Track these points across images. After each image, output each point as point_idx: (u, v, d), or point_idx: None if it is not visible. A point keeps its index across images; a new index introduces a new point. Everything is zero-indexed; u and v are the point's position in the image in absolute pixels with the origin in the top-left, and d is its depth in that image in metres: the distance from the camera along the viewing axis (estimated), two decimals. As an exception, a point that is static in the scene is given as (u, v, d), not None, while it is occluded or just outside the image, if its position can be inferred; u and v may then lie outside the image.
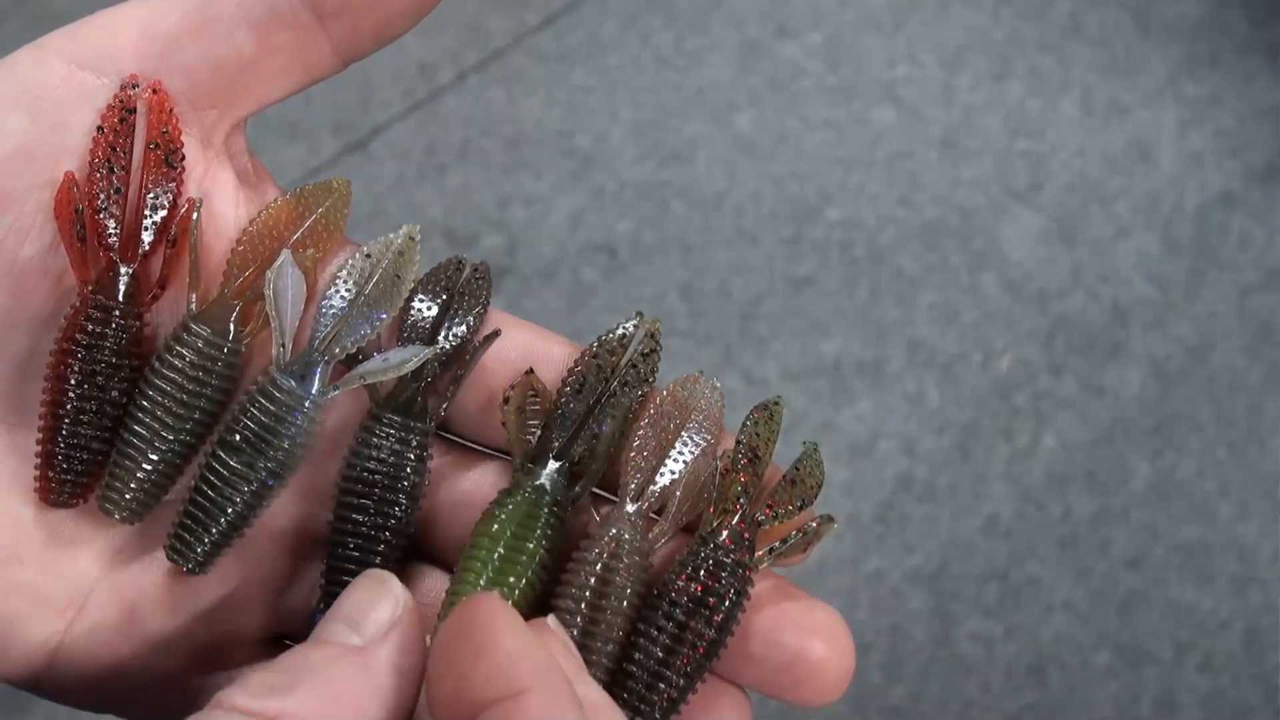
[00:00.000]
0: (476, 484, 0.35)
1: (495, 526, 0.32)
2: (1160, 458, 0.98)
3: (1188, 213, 1.05)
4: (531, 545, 0.32)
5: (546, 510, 0.33)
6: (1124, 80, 1.09)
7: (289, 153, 1.03)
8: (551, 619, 0.31)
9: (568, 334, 0.35)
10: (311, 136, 1.04)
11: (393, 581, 0.30)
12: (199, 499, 0.32)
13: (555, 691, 0.26)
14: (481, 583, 0.32)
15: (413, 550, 0.35)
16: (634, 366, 0.34)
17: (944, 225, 1.03)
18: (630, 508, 0.33)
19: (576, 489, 0.34)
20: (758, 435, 0.34)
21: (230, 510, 0.32)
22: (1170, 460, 0.98)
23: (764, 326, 0.99)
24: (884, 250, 1.02)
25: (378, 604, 0.29)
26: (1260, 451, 0.98)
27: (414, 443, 0.33)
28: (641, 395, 0.34)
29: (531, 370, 0.34)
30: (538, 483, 0.33)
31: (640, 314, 0.35)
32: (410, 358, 0.33)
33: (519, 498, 0.33)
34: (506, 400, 0.33)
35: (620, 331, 0.34)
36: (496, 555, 0.32)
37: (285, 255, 0.33)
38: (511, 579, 0.32)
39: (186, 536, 0.33)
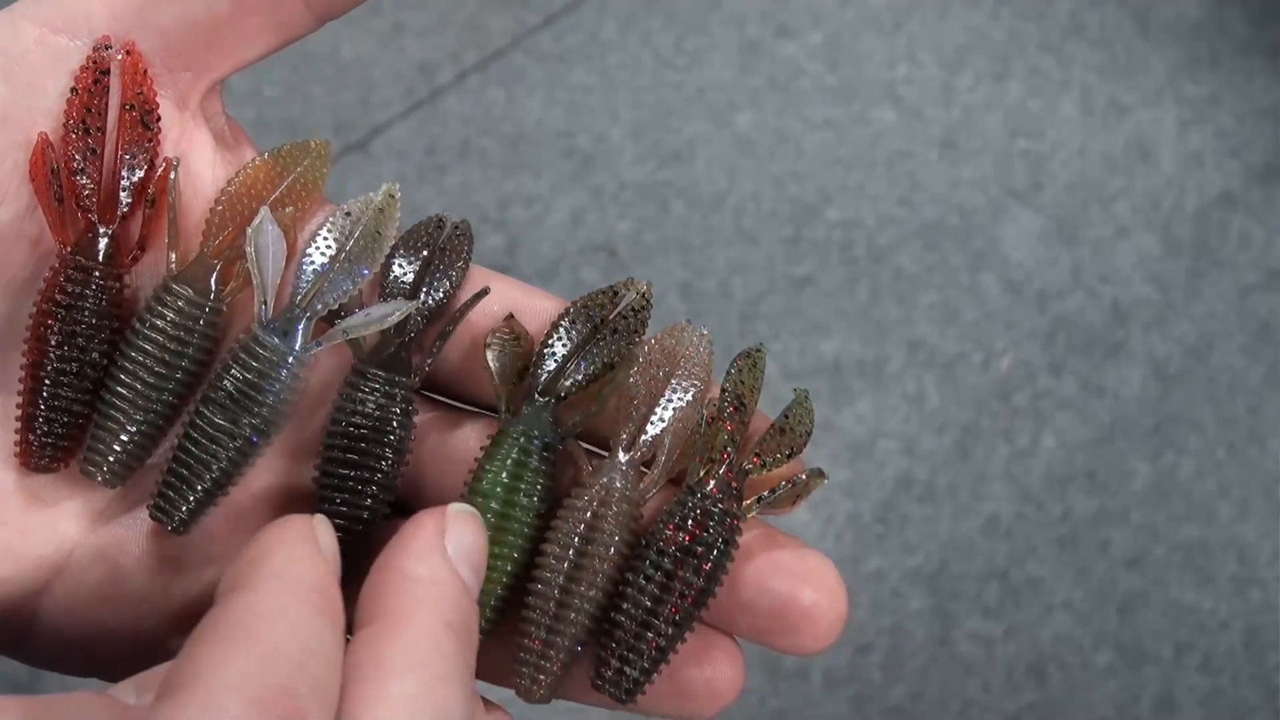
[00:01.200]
0: (462, 440, 0.35)
1: (486, 481, 0.32)
2: (1160, 458, 0.98)
3: (1188, 213, 1.05)
4: (525, 499, 0.32)
5: (536, 457, 0.33)
6: (1124, 80, 1.09)
7: (289, 153, 1.03)
8: (450, 508, 0.30)
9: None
10: (311, 136, 1.04)
11: None
12: (183, 457, 0.32)
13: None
14: None
15: (400, 508, 0.35)
16: (624, 317, 0.34)
17: (944, 225, 1.03)
18: (622, 457, 0.33)
19: (569, 426, 0.33)
20: (742, 383, 0.34)
21: (214, 468, 0.32)
22: (1170, 460, 0.98)
23: (764, 326, 0.99)
24: (884, 250, 1.02)
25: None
26: (1260, 451, 0.98)
27: (399, 397, 0.33)
28: (631, 345, 0.34)
29: (511, 315, 0.34)
30: (524, 427, 0.33)
31: (632, 278, 0.35)
32: (392, 311, 0.33)
33: (507, 446, 0.33)
34: (488, 345, 0.33)
35: (614, 295, 0.34)
36: (491, 514, 0.32)
37: (264, 212, 0.33)
38: (510, 537, 0.32)
39: (170, 495, 0.33)
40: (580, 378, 0.34)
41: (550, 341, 0.34)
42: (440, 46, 1.06)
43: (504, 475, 0.32)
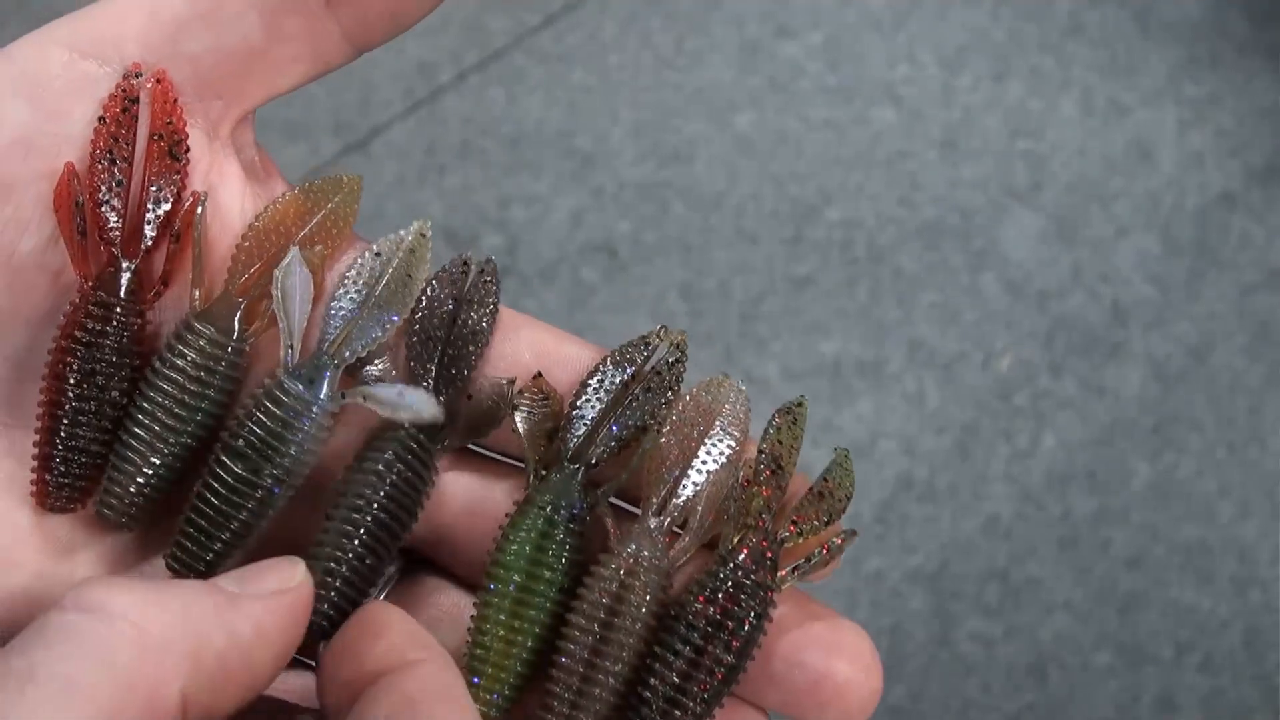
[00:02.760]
0: (489, 492, 0.34)
1: (510, 554, 0.31)
2: (1160, 458, 0.98)
3: (1188, 213, 1.05)
4: (549, 573, 0.31)
5: (563, 528, 0.32)
6: (1124, 80, 1.09)
7: (289, 153, 1.03)
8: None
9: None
10: (311, 136, 1.04)
11: (300, 566, 0.30)
12: (202, 507, 0.31)
13: (445, 663, 0.27)
14: (501, 617, 0.31)
15: (426, 563, 0.34)
16: (658, 373, 0.33)
17: (944, 225, 1.03)
18: (651, 522, 0.32)
19: (597, 494, 0.32)
20: (780, 443, 0.32)
21: (235, 520, 0.31)
22: (1170, 460, 0.98)
23: (764, 326, 0.99)
24: (884, 250, 1.02)
25: (270, 573, 0.29)
26: (1260, 451, 0.98)
27: (428, 468, 0.32)
28: (665, 403, 0.33)
29: (540, 374, 0.33)
30: (550, 497, 0.32)
31: (664, 327, 0.34)
32: (424, 412, 0.31)
33: (533, 515, 0.32)
34: (515, 406, 0.32)
35: (645, 349, 0.33)
36: (513, 585, 0.31)
37: (294, 252, 0.32)
38: (532, 612, 0.31)
39: (190, 547, 0.32)
40: (612, 443, 0.32)
41: (579, 403, 0.32)
42: (440, 46, 1.06)
43: (528, 548, 0.31)
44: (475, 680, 0.31)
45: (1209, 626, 0.94)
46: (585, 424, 0.32)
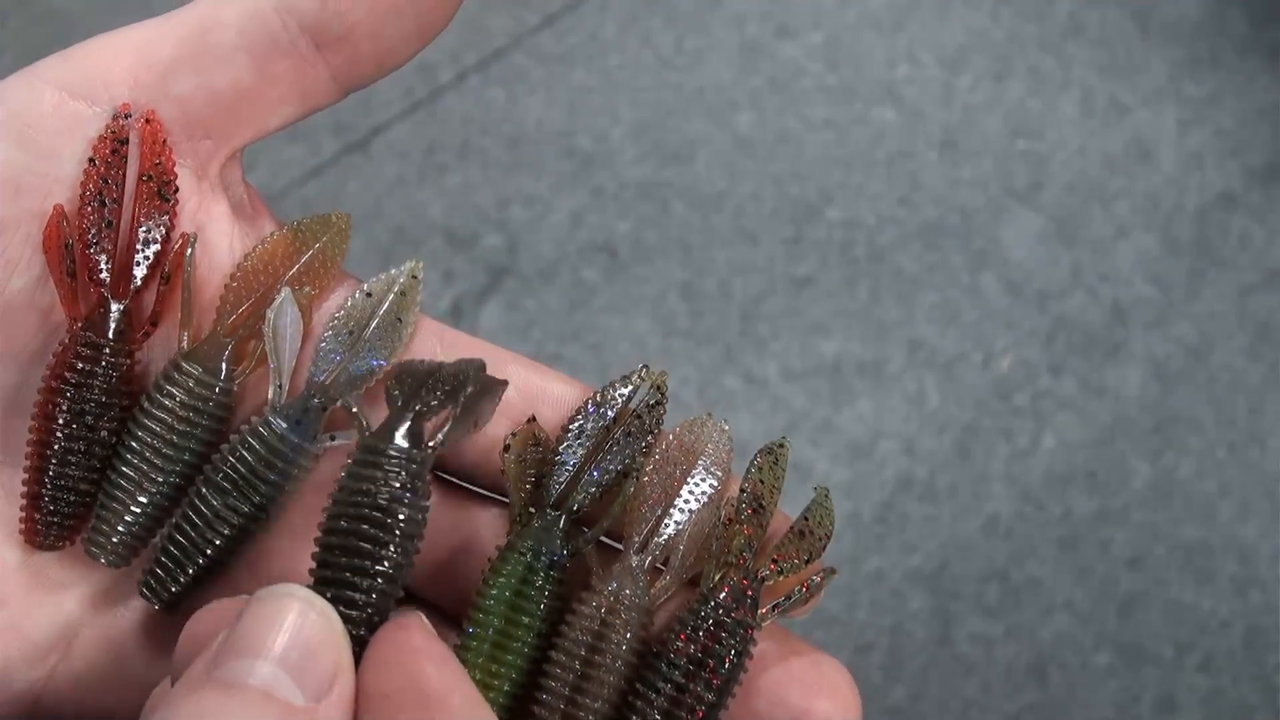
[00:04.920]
0: (476, 529, 0.34)
1: (490, 599, 0.32)
2: (1160, 458, 0.98)
3: (1188, 213, 1.05)
4: (527, 619, 0.32)
5: (542, 575, 0.32)
6: (1124, 80, 1.09)
7: (289, 153, 1.03)
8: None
9: (567, 334, 0.35)
10: (311, 136, 1.04)
11: (334, 616, 0.26)
12: (178, 536, 0.32)
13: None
14: (480, 660, 0.31)
15: (411, 599, 0.34)
16: (638, 417, 0.33)
17: (944, 225, 1.03)
18: (633, 560, 0.32)
19: (578, 542, 0.32)
20: (762, 483, 0.33)
21: (209, 551, 0.32)
22: (1170, 460, 0.98)
23: (764, 326, 0.99)
24: (884, 250, 1.02)
25: (320, 648, 0.26)
26: (1260, 451, 0.98)
27: (412, 473, 0.30)
28: (645, 446, 0.33)
29: (534, 418, 0.33)
30: (531, 543, 0.32)
31: (646, 366, 0.34)
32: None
33: (514, 561, 0.32)
34: (507, 448, 0.32)
35: (625, 389, 0.33)
36: (492, 629, 0.31)
37: (285, 293, 0.32)
38: (510, 656, 0.32)
39: (161, 574, 0.32)
40: (594, 489, 0.33)
41: (561, 449, 0.33)
42: (440, 46, 1.06)
43: (507, 593, 0.32)
44: None
45: (1209, 626, 0.94)
46: (568, 470, 0.33)
